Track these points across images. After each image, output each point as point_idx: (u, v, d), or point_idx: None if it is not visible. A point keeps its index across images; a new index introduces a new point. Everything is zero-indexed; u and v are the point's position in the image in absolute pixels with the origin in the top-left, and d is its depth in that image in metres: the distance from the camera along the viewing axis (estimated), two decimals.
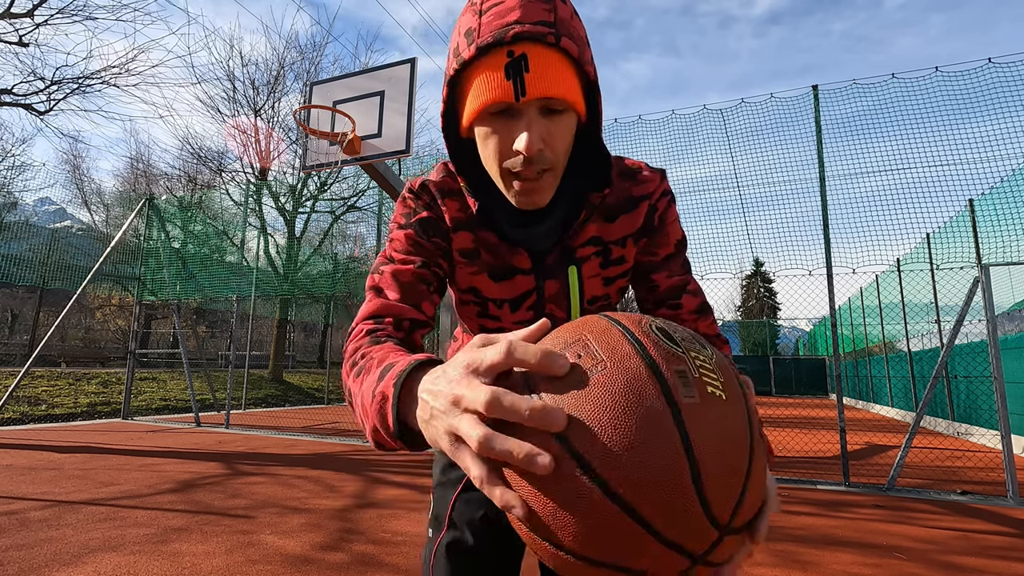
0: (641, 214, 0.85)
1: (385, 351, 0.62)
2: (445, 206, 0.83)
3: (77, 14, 9.19)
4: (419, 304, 0.78)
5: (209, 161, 17.24)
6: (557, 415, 0.39)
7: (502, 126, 0.68)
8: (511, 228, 0.80)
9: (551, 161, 0.69)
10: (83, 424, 8.13)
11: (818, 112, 5.27)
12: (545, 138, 0.67)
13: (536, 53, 0.65)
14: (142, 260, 9.31)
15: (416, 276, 0.79)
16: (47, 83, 9.72)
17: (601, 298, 0.88)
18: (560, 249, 0.83)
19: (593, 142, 0.77)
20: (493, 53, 0.66)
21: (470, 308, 0.90)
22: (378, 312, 0.75)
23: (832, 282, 5.04)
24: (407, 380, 0.51)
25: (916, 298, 10.32)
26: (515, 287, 0.85)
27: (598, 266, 0.85)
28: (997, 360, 4.50)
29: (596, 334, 0.45)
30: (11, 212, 18.04)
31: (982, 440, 7.89)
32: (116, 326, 21.02)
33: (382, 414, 0.52)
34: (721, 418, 0.41)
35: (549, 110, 0.67)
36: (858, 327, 15.45)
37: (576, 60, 0.68)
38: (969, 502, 4.21)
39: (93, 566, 2.51)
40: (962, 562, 2.85)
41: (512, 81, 0.65)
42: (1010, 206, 4.70)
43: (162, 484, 4.19)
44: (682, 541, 0.39)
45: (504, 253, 0.83)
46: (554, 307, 0.87)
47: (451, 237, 0.84)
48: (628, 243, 0.86)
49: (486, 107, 0.67)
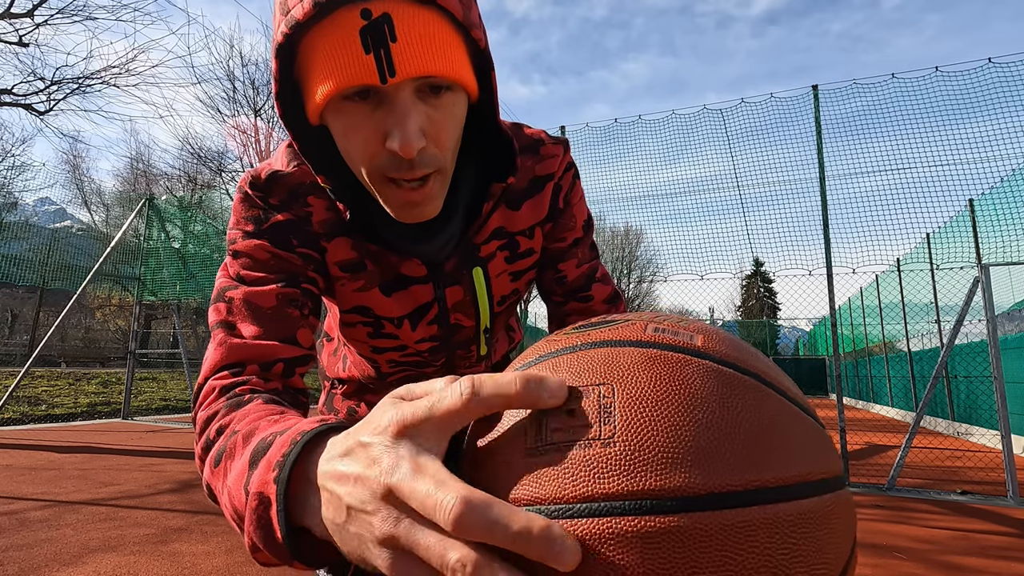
0: (546, 197, 0.72)
1: (252, 417, 0.44)
2: (310, 206, 0.63)
3: (77, 14, 9.20)
4: (291, 335, 0.58)
5: (209, 161, 17.26)
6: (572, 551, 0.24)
7: (365, 116, 0.50)
8: (397, 241, 0.64)
9: (438, 160, 0.53)
10: (83, 424, 8.13)
11: (818, 112, 5.27)
12: (427, 130, 0.51)
13: (403, 14, 0.47)
14: (142, 260, 9.31)
15: (281, 298, 0.58)
16: (47, 83, 9.73)
17: (510, 296, 0.76)
18: (460, 249, 0.68)
19: (488, 123, 0.62)
20: (340, 12, 0.47)
21: (358, 330, 0.73)
22: (233, 359, 0.54)
23: (832, 282, 5.03)
24: (299, 463, 0.34)
25: (916, 298, 10.33)
26: (411, 299, 0.69)
27: (504, 261, 0.72)
28: (997, 360, 4.49)
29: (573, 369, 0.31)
30: (11, 212, 18.04)
31: (982, 440, 7.89)
32: (116, 326, 21.03)
33: (263, 524, 0.34)
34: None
35: (429, 92, 0.51)
36: (858, 327, 15.45)
37: (460, 23, 0.51)
38: (969, 502, 4.20)
39: (93, 566, 2.51)
40: (962, 562, 2.85)
41: (374, 54, 0.47)
42: (1010, 206, 4.70)
43: (162, 484, 4.19)
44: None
45: (391, 262, 0.67)
46: (460, 316, 0.73)
47: (323, 246, 0.64)
48: (536, 232, 0.73)
49: (338, 92, 0.49)
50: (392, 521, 0.27)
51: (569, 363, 0.31)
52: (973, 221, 4.95)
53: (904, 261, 9.62)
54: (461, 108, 0.54)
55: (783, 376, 0.32)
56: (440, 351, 0.76)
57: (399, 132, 0.49)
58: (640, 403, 0.28)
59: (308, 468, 0.33)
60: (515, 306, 0.82)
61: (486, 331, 0.76)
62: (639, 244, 25.81)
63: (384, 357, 0.77)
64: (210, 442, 0.45)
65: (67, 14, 9.14)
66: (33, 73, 9.77)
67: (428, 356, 0.76)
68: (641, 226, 22.05)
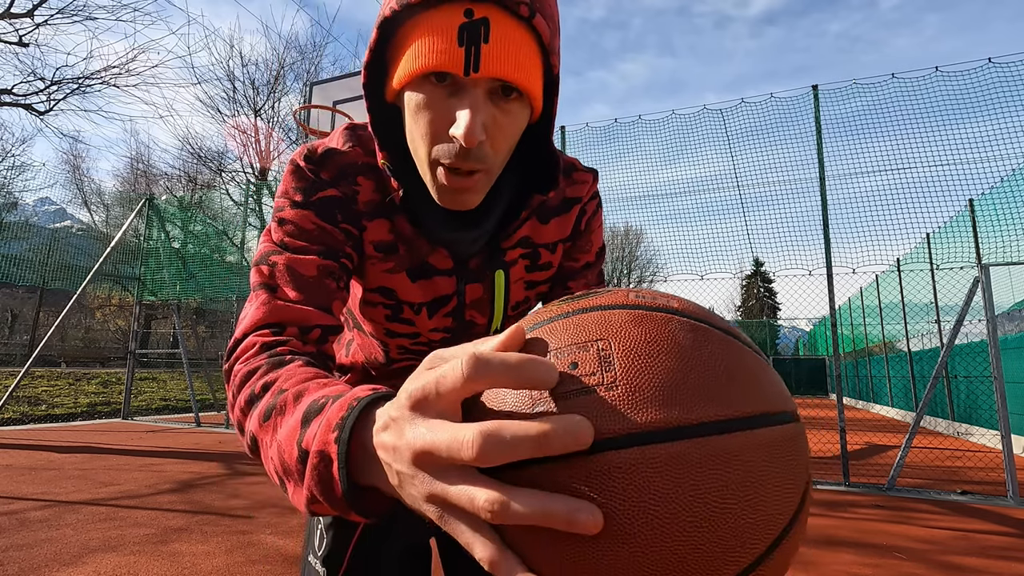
0: (572, 218, 0.77)
1: (298, 378, 0.47)
2: (358, 185, 0.67)
3: (77, 14, 9.20)
4: (328, 305, 0.62)
5: (209, 161, 17.27)
6: (584, 424, 0.28)
7: (440, 100, 0.55)
8: (437, 227, 0.67)
9: (488, 159, 0.57)
10: (83, 424, 8.13)
11: (818, 112, 5.28)
12: (489, 129, 0.55)
13: (501, 22, 0.52)
14: (142, 260, 9.31)
15: (321, 269, 0.62)
16: (47, 83, 9.74)
17: (523, 303, 0.80)
18: (487, 250, 0.72)
19: (541, 139, 0.66)
20: (449, 5, 0.53)
21: (377, 310, 0.75)
22: (275, 319, 0.58)
23: (832, 282, 5.04)
24: (355, 428, 0.37)
25: (916, 298, 10.33)
26: (433, 289, 0.73)
27: (524, 269, 0.76)
28: (997, 360, 4.50)
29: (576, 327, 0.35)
30: (11, 212, 18.04)
31: (982, 440, 7.89)
32: (116, 326, 21.02)
33: (323, 480, 0.37)
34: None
35: (501, 95, 0.55)
36: (858, 327, 15.45)
37: (545, 47, 0.56)
38: (969, 502, 4.20)
39: (93, 566, 2.51)
40: (962, 562, 2.85)
41: (466, 48, 0.52)
42: (1010, 206, 4.70)
43: (162, 484, 4.19)
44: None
45: (421, 249, 0.70)
46: (475, 313, 0.76)
47: (364, 224, 0.68)
48: (558, 248, 0.78)
49: (424, 72, 0.54)
50: (428, 481, 0.30)
51: (566, 326, 0.35)
52: (973, 221, 4.95)
53: (904, 261, 9.63)
54: (523, 118, 0.59)
55: (741, 332, 0.38)
56: (450, 343, 0.78)
57: (465, 121, 0.52)
58: (635, 353, 0.32)
59: (364, 434, 0.36)
60: (526, 314, 0.84)
61: (496, 333, 0.79)
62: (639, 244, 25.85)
63: (395, 342, 0.79)
64: (255, 396, 0.49)
65: (67, 14, 9.15)
66: (33, 73, 9.78)
67: (438, 348, 0.77)
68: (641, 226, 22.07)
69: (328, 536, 0.78)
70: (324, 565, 0.76)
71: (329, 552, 0.76)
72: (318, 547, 0.78)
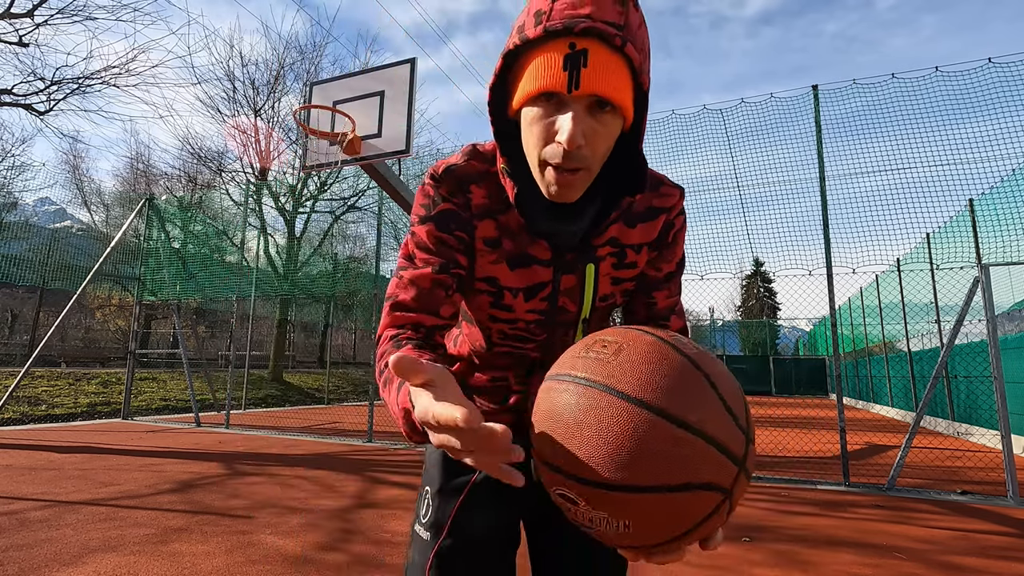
0: (658, 226, 0.88)
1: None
2: (471, 193, 0.83)
3: (77, 14, 9.19)
4: (436, 310, 0.81)
5: (209, 161, 17.24)
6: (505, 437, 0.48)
7: (549, 114, 0.69)
8: (542, 219, 0.80)
9: (588, 160, 0.70)
10: (83, 424, 8.13)
11: (818, 112, 5.28)
12: (588, 135, 0.68)
13: (598, 51, 0.66)
14: (142, 260, 9.31)
15: (434, 283, 0.81)
16: (47, 83, 9.72)
17: (609, 296, 0.90)
18: (581, 245, 0.84)
19: (632, 150, 0.78)
20: (557, 40, 0.67)
21: (483, 298, 0.89)
22: (397, 323, 0.81)
23: (832, 282, 5.04)
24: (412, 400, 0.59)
25: (916, 298, 10.33)
26: (532, 276, 0.86)
27: (611, 266, 0.87)
28: (997, 360, 4.50)
29: (604, 332, 0.62)
30: (11, 212, 18.04)
31: (982, 440, 7.89)
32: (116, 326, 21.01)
33: (410, 424, 0.63)
34: (715, 361, 0.58)
35: (597, 108, 0.68)
36: (858, 327, 15.46)
37: (635, 69, 0.69)
38: (969, 502, 4.21)
39: (93, 566, 2.51)
40: (962, 562, 2.85)
41: (568, 72, 0.66)
42: (1010, 206, 4.70)
43: (162, 484, 4.19)
44: (728, 444, 0.52)
45: (525, 241, 0.84)
46: (567, 301, 0.88)
47: (475, 226, 0.84)
48: (643, 251, 0.88)
49: (537, 92, 0.68)
50: (443, 440, 0.52)
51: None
52: (973, 221, 4.95)
53: (904, 261, 9.63)
54: (616, 128, 0.71)
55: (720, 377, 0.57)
56: (543, 326, 0.91)
57: (568, 128, 0.66)
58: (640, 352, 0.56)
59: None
60: (610, 312, 0.96)
61: (584, 321, 0.92)
62: None
63: (496, 327, 0.92)
64: (382, 370, 0.72)
65: (67, 14, 9.14)
66: (33, 73, 9.77)
67: (533, 329, 0.91)
68: None
69: (433, 504, 0.93)
70: (428, 530, 0.91)
71: (435, 519, 0.91)
72: (423, 515, 0.93)
